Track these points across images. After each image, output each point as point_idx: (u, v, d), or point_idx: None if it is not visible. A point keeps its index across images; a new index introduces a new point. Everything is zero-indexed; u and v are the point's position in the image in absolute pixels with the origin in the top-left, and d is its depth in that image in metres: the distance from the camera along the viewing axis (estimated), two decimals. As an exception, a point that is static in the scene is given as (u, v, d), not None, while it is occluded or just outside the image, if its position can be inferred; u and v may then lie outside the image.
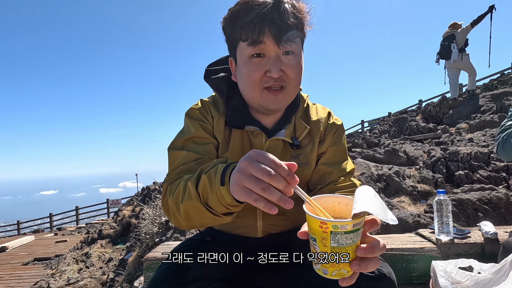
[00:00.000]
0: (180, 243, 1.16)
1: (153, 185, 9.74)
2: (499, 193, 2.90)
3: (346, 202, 0.67)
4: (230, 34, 0.96)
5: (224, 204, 0.75)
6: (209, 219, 0.82)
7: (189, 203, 0.82)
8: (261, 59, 0.92)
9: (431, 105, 9.58)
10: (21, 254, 10.14)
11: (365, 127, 15.80)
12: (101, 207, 18.11)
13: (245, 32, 0.90)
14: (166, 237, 3.81)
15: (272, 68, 0.91)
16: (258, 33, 0.88)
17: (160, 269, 0.95)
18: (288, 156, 1.06)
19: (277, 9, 0.87)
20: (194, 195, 0.80)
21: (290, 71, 0.93)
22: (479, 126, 6.35)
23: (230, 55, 1.03)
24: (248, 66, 0.93)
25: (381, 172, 3.96)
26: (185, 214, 0.84)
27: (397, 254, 1.56)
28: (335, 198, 0.68)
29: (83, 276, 6.38)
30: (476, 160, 3.77)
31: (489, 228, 1.69)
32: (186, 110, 1.11)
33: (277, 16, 0.87)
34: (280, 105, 1.00)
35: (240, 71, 0.98)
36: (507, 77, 9.58)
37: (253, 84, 0.95)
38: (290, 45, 0.91)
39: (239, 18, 0.91)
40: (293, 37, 0.91)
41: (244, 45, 0.92)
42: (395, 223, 0.59)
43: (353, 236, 0.57)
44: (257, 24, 0.87)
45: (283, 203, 0.59)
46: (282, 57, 0.92)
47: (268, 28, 0.87)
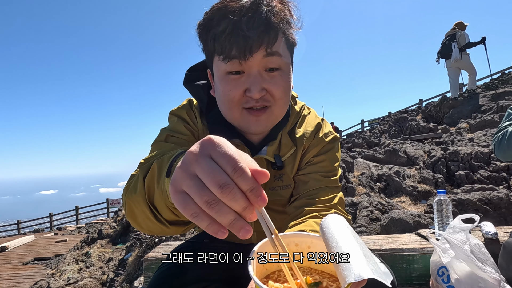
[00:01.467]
0: (179, 244, 1.16)
1: (153, 185, 9.75)
2: (499, 193, 2.90)
3: (307, 243, 0.51)
4: (204, 45, 0.82)
5: (169, 206, 0.59)
6: (154, 227, 0.66)
7: (132, 198, 0.66)
8: (239, 76, 0.78)
9: (431, 104, 9.58)
10: (21, 254, 10.15)
11: (365, 127, 15.80)
12: (101, 207, 18.13)
13: (218, 45, 0.76)
14: (166, 237, 3.80)
15: (252, 87, 0.77)
16: (230, 47, 0.74)
17: (160, 270, 0.95)
18: (272, 177, 0.92)
19: (253, 15, 0.72)
20: (139, 188, 0.65)
21: (274, 89, 0.79)
22: (479, 126, 6.34)
23: (208, 66, 0.88)
24: (224, 84, 0.79)
25: (381, 172, 3.96)
26: (130, 211, 0.69)
27: (397, 254, 1.56)
28: (291, 238, 0.52)
29: (83, 276, 6.38)
30: (476, 160, 3.77)
31: (489, 228, 1.69)
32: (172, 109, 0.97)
33: (253, 24, 0.72)
34: (264, 128, 0.85)
35: (217, 88, 0.84)
36: (507, 77, 9.57)
37: (231, 104, 0.80)
38: (273, 59, 0.77)
39: (211, 27, 0.76)
40: (271, 46, 0.75)
41: (218, 60, 0.78)
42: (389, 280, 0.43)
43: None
44: (228, 35, 0.73)
45: (237, 231, 0.39)
46: (265, 74, 0.79)
47: (243, 40, 0.72)
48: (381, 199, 3.40)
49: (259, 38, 0.73)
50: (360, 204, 3.20)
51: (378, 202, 3.21)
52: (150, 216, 0.64)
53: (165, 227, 0.65)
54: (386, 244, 1.65)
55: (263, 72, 0.79)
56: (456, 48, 7.76)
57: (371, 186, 3.76)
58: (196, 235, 1.20)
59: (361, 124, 16.57)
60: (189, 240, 1.15)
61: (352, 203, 3.24)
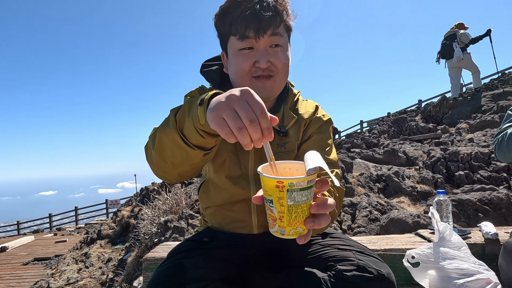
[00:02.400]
0: (178, 243, 1.16)
1: (151, 185, 9.73)
2: (499, 194, 2.89)
3: (296, 167, 0.71)
4: (221, 29, 1.03)
5: (198, 127, 0.77)
6: (180, 154, 0.84)
7: (164, 131, 0.85)
8: (250, 51, 0.99)
9: (430, 105, 9.58)
10: (21, 254, 10.15)
11: (364, 127, 15.81)
12: (100, 207, 18.12)
13: (234, 27, 0.97)
14: (165, 237, 3.80)
15: (260, 59, 0.98)
16: (245, 28, 0.95)
17: (159, 270, 0.95)
18: (275, 143, 1.08)
19: (260, 4, 0.95)
20: (171, 121, 0.83)
21: (277, 61, 1.00)
22: (479, 126, 6.34)
23: (222, 49, 1.09)
24: (238, 58, 1.00)
25: (381, 173, 3.96)
26: (159, 143, 0.87)
27: (396, 254, 1.56)
28: (285, 164, 0.71)
29: (83, 276, 6.37)
30: (476, 160, 3.76)
31: (489, 228, 1.68)
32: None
33: (260, 10, 0.94)
34: (269, 93, 1.04)
35: (230, 62, 1.04)
36: (508, 77, 9.56)
37: (242, 73, 1.01)
38: (277, 38, 0.98)
39: (228, 14, 0.98)
40: (277, 28, 0.97)
41: (234, 39, 0.99)
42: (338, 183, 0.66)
43: (307, 193, 0.62)
44: (243, 19, 0.95)
45: (246, 146, 0.62)
46: (270, 49, 0.99)
47: (254, 22, 0.94)
48: (381, 199, 3.39)
49: (270, 21, 0.95)
50: (359, 204, 3.19)
51: (377, 202, 3.21)
52: (180, 141, 0.82)
53: (191, 149, 0.82)
54: (386, 244, 1.65)
55: (268, 48, 0.99)
56: (458, 48, 7.69)
57: (370, 186, 3.76)
58: (196, 234, 1.21)
59: (360, 124, 16.58)
60: (188, 238, 1.16)
61: (351, 203, 3.23)
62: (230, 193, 1.09)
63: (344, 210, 3.17)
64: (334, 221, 1.12)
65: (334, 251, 0.97)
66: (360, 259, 0.91)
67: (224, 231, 1.15)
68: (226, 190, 1.10)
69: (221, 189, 1.11)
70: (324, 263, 0.93)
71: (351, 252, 0.95)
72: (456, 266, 1.24)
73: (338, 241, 1.03)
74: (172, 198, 4.81)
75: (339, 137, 15.90)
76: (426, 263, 1.30)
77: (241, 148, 1.08)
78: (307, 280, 0.90)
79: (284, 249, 1.09)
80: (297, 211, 0.62)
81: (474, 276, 1.22)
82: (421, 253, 1.32)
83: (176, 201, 4.71)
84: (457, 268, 1.24)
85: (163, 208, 4.66)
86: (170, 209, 4.61)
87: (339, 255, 0.94)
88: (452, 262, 1.26)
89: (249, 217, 1.10)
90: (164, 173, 0.95)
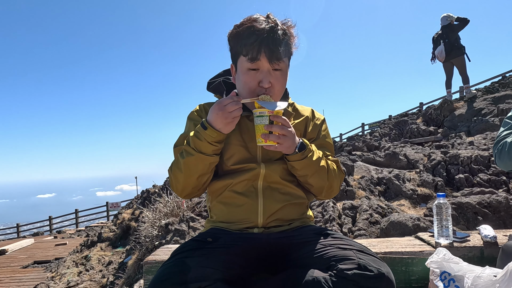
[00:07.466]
0: (182, 243, 1.18)
1: (152, 188, 9.73)
2: (499, 197, 2.90)
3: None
4: (233, 47, 1.22)
5: (211, 141, 1.11)
6: (203, 165, 1.15)
7: (187, 157, 1.14)
8: (256, 72, 1.17)
9: (432, 108, 9.58)
10: (21, 257, 10.13)
11: (365, 130, 15.81)
12: (100, 210, 18.10)
13: (246, 50, 1.15)
14: (166, 240, 3.80)
15: (264, 80, 1.17)
16: (256, 53, 1.13)
17: (162, 268, 0.98)
18: None
19: (272, 35, 1.12)
20: (190, 150, 1.14)
21: (276, 83, 1.19)
22: (479, 129, 6.35)
23: (232, 61, 1.27)
24: (246, 77, 1.19)
25: (381, 176, 3.97)
26: (186, 166, 1.15)
27: (396, 257, 1.56)
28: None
29: (83, 279, 6.37)
30: (476, 163, 3.77)
31: (488, 231, 1.69)
32: (188, 113, 1.37)
33: (271, 41, 1.12)
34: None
35: (239, 78, 1.22)
36: (508, 80, 9.55)
37: (249, 91, 1.19)
38: (279, 63, 1.16)
39: (242, 38, 1.16)
40: (282, 57, 1.16)
41: (244, 59, 1.17)
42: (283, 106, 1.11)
43: (260, 119, 1.10)
44: (255, 46, 1.12)
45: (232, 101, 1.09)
46: (272, 72, 1.18)
47: (264, 50, 1.13)
48: (381, 202, 3.40)
49: (278, 54, 1.14)
50: (360, 207, 3.20)
51: (378, 205, 3.21)
52: (202, 156, 1.13)
53: (210, 157, 1.14)
54: (386, 247, 1.66)
55: (271, 71, 1.17)
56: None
57: (371, 189, 3.77)
58: (199, 234, 1.23)
59: (362, 127, 16.59)
60: (192, 238, 1.19)
61: (352, 206, 3.24)
62: (239, 175, 1.21)
63: (344, 213, 3.18)
64: (330, 192, 1.28)
65: (335, 251, 0.99)
66: (360, 258, 0.93)
67: (229, 221, 1.20)
68: (235, 173, 1.22)
69: (232, 172, 1.23)
70: (326, 262, 0.96)
71: (352, 251, 0.97)
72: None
73: (339, 241, 1.05)
74: (173, 201, 4.82)
75: (340, 140, 15.90)
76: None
77: (249, 142, 1.23)
78: (309, 279, 0.91)
79: (286, 249, 1.10)
80: (258, 128, 1.10)
81: None
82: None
83: (177, 204, 4.72)
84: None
85: (164, 211, 4.67)
86: (171, 212, 4.62)
87: (340, 254, 0.96)
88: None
89: (256, 200, 1.18)
90: (193, 189, 1.21)
